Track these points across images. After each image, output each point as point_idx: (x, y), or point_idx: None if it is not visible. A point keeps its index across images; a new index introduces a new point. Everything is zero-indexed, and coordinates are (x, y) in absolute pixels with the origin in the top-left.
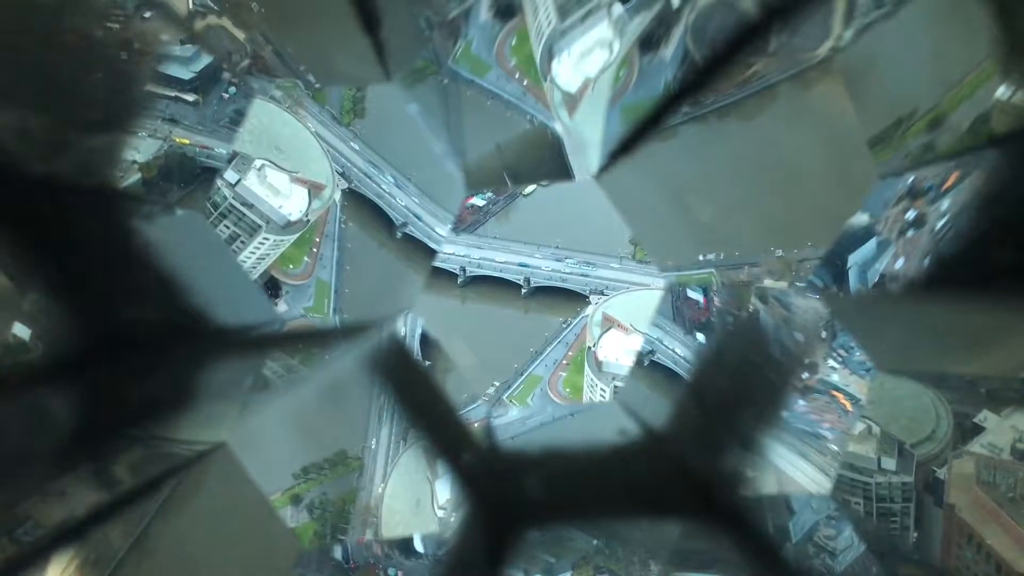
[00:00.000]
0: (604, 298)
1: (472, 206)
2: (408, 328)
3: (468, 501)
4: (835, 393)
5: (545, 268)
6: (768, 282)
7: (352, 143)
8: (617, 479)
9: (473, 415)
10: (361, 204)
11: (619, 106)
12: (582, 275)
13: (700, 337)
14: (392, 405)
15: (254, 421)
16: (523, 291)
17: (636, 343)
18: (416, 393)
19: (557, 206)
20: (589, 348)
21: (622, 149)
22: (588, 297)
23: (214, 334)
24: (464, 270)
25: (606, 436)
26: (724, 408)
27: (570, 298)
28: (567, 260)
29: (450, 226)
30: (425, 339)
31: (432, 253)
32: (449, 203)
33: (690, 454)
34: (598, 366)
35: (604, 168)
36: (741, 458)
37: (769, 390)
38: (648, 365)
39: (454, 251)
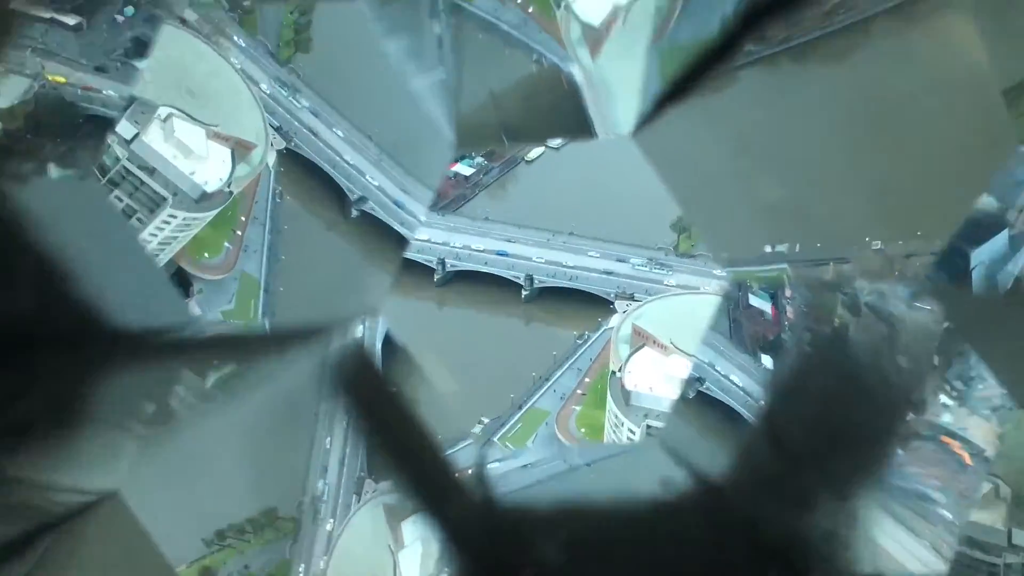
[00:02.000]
0: (635, 305)
1: (456, 175)
2: (367, 342)
3: (461, 572)
4: (947, 440)
5: (554, 262)
6: (862, 285)
7: (294, 90)
8: (662, 544)
9: (457, 459)
10: (304, 171)
11: (661, 45)
12: (605, 272)
13: (767, 361)
14: (348, 444)
15: (155, 463)
16: (524, 293)
17: (679, 367)
18: (384, 427)
19: (573, 176)
20: (613, 373)
21: (665, 100)
22: (613, 303)
23: (105, 340)
24: (444, 263)
25: (642, 488)
26: (805, 456)
27: (588, 304)
28: (585, 252)
29: (427, 203)
30: (390, 356)
31: (402, 240)
32: (426, 171)
33: (760, 513)
34: (625, 397)
35: (641, 125)
36: (828, 520)
37: (864, 433)
38: (696, 397)
39: (431, 237)
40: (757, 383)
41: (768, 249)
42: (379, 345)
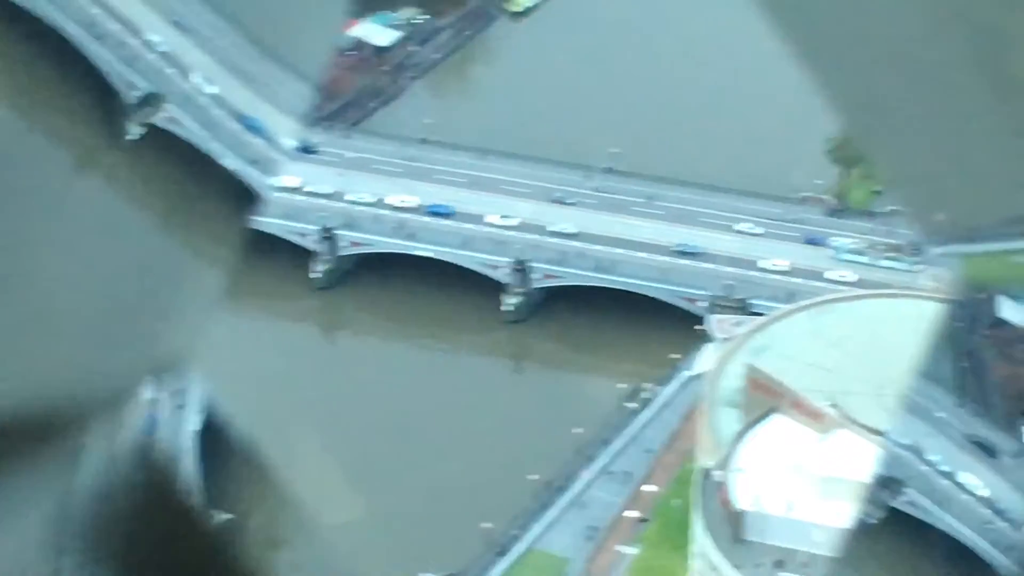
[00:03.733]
0: (751, 323)
1: (360, 48)
2: (165, 435)
3: None
4: None
5: (572, 234)
6: None
7: None
8: None
9: None
10: (33, 48)
11: None
12: (680, 252)
13: None
14: None
15: None
16: (506, 299)
17: (853, 458)
18: None
19: (607, 44)
20: (707, 474)
21: None
22: (702, 319)
23: None
24: (333, 239)
25: None
26: None
27: (644, 321)
28: (633, 209)
29: (301, 110)
30: (219, 455)
31: (244, 193)
32: (301, 40)
33: None
34: (735, 526)
35: None
36: None
37: None
38: (886, 521)
39: (306, 181)
40: (1021, 490)
41: None
42: (191, 437)
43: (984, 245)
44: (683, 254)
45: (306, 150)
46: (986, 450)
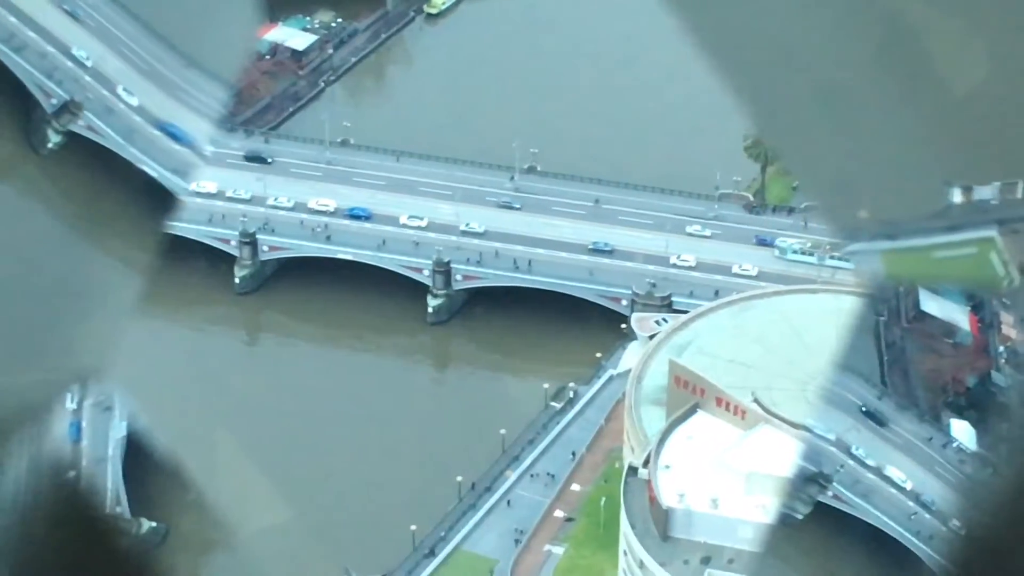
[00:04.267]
0: (674, 321)
1: (275, 52)
2: (83, 447)
3: None
4: None
5: (496, 232)
6: None
7: None
8: None
9: None
10: None
11: None
12: (601, 251)
13: (961, 430)
14: None
15: None
16: (431, 302)
17: (775, 454)
18: None
19: (508, 43)
20: (633, 471)
21: None
22: (627, 317)
23: None
24: (254, 243)
25: None
26: None
27: (570, 321)
28: (555, 209)
29: (217, 114)
30: (142, 464)
31: (163, 196)
32: (218, 46)
33: None
34: (662, 524)
35: None
36: None
37: None
38: (812, 516)
39: (225, 185)
40: (948, 483)
41: (955, 197)
42: (115, 445)
43: (904, 241)
44: (598, 252)
45: (257, 159)
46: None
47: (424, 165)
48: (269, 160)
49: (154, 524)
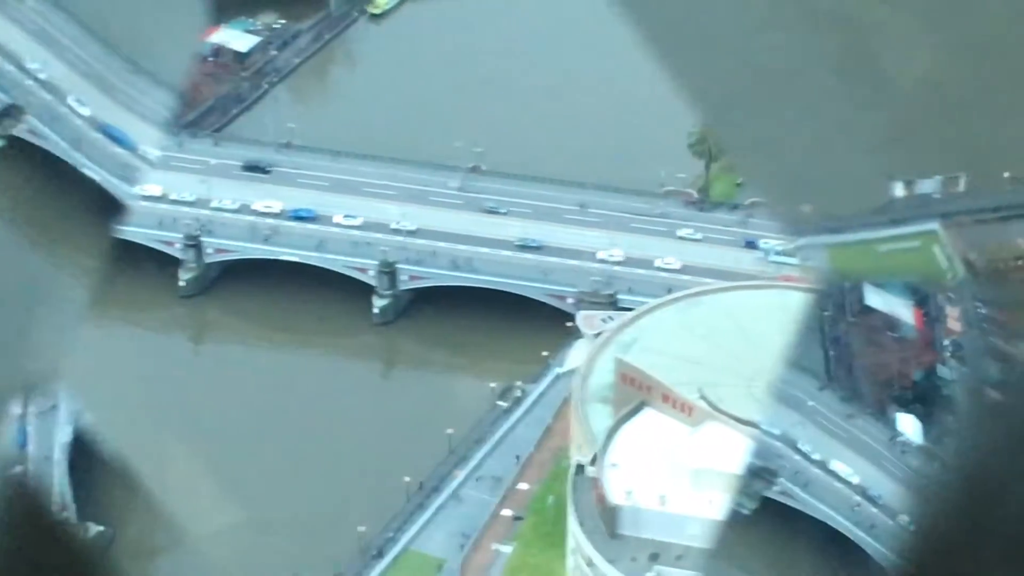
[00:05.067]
0: (621, 318)
1: (218, 54)
2: (31, 453)
3: None
4: None
5: (441, 232)
6: None
7: None
8: None
9: None
10: None
11: None
12: (529, 245)
13: (907, 424)
14: None
15: None
16: (377, 302)
17: (723, 450)
18: None
19: (451, 41)
20: (580, 469)
21: None
22: (573, 316)
23: None
24: (198, 246)
25: None
26: None
27: (515, 320)
28: (502, 210)
29: (162, 118)
30: (91, 467)
31: (109, 201)
32: (154, 46)
33: None
34: (610, 522)
35: None
36: None
37: None
38: (760, 511)
39: (170, 188)
40: (894, 477)
41: (899, 191)
42: (61, 449)
43: (848, 235)
44: (525, 248)
45: (256, 168)
46: (863, 434)
47: (369, 165)
48: (268, 170)
49: (101, 528)
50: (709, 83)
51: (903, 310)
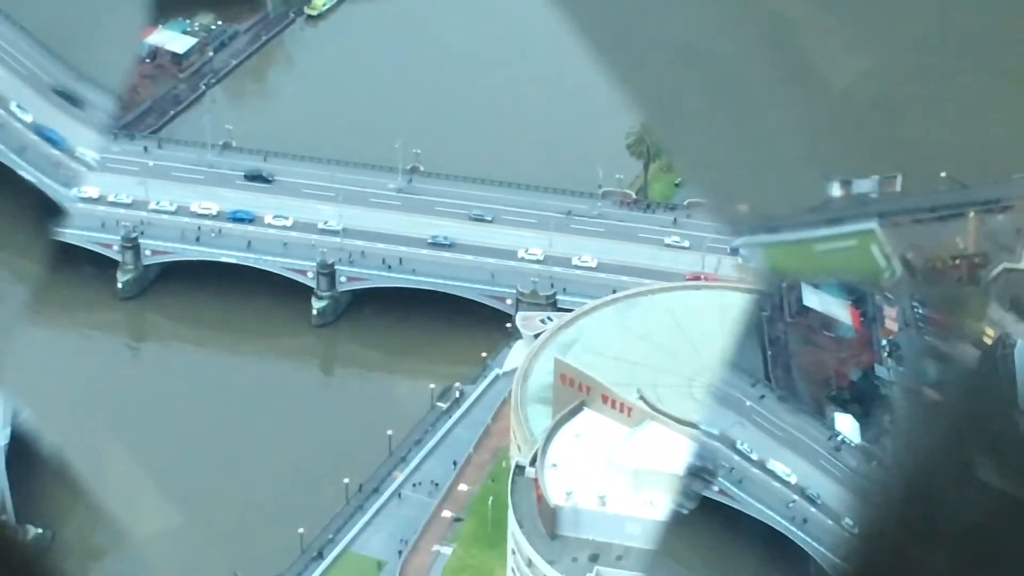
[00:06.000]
0: (559, 319)
1: (156, 55)
2: None
3: None
4: None
5: (377, 233)
6: None
7: None
8: None
9: None
10: None
11: None
12: (441, 243)
13: (845, 423)
14: None
15: None
16: (315, 304)
17: (661, 450)
18: None
19: (393, 45)
20: (520, 470)
21: None
22: (512, 317)
23: None
24: (136, 248)
25: None
26: None
27: (454, 321)
28: (438, 209)
29: (101, 121)
30: (28, 467)
31: (47, 206)
32: (92, 48)
33: None
34: (550, 522)
35: None
36: None
37: None
38: (698, 511)
39: (107, 190)
40: (832, 476)
41: (836, 191)
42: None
43: (785, 234)
44: (437, 246)
45: (258, 178)
46: (799, 432)
47: (307, 167)
48: (270, 179)
49: (40, 530)
50: (647, 84)
51: (840, 310)
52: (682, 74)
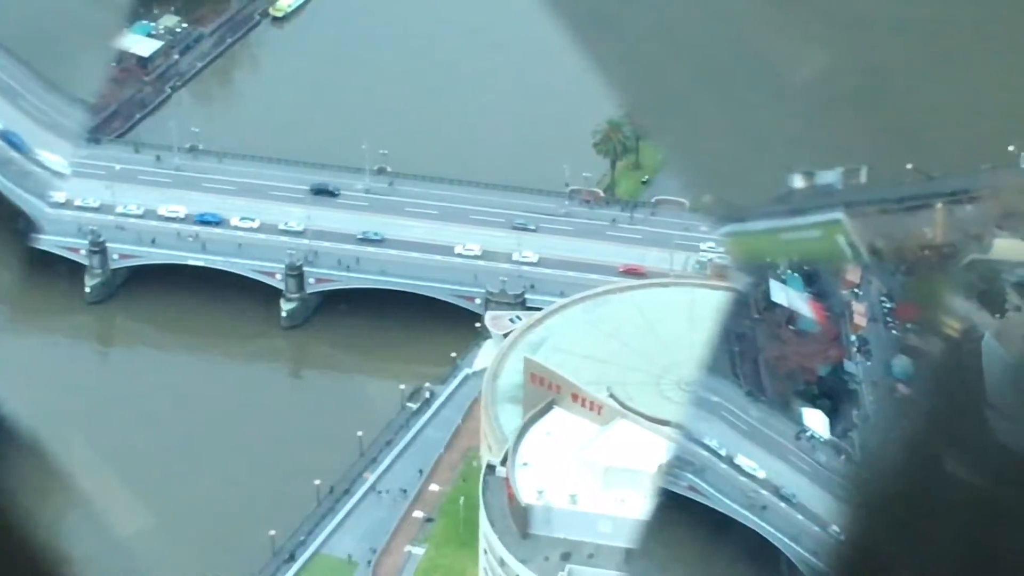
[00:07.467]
0: (528, 317)
1: (122, 57)
2: None
3: None
4: None
5: (345, 234)
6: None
7: None
8: None
9: None
10: None
11: None
12: (371, 238)
13: (814, 419)
14: None
15: None
16: (284, 306)
17: (632, 448)
18: None
19: (371, 46)
20: (491, 469)
21: None
22: (481, 317)
23: None
24: (103, 252)
25: None
26: None
27: (425, 321)
28: (407, 210)
29: (75, 128)
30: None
31: (20, 216)
32: (59, 55)
33: None
34: (521, 521)
35: None
36: None
37: None
38: (667, 506)
39: (75, 195)
40: (798, 471)
41: (798, 182)
42: None
43: (750, 224)
44: (367, 242)
45: (324, 192)
46: (768, 428)
47: (274, 168)
48: (336, 192)
49: None
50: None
51: (801, 303)
52: (651, 69)
